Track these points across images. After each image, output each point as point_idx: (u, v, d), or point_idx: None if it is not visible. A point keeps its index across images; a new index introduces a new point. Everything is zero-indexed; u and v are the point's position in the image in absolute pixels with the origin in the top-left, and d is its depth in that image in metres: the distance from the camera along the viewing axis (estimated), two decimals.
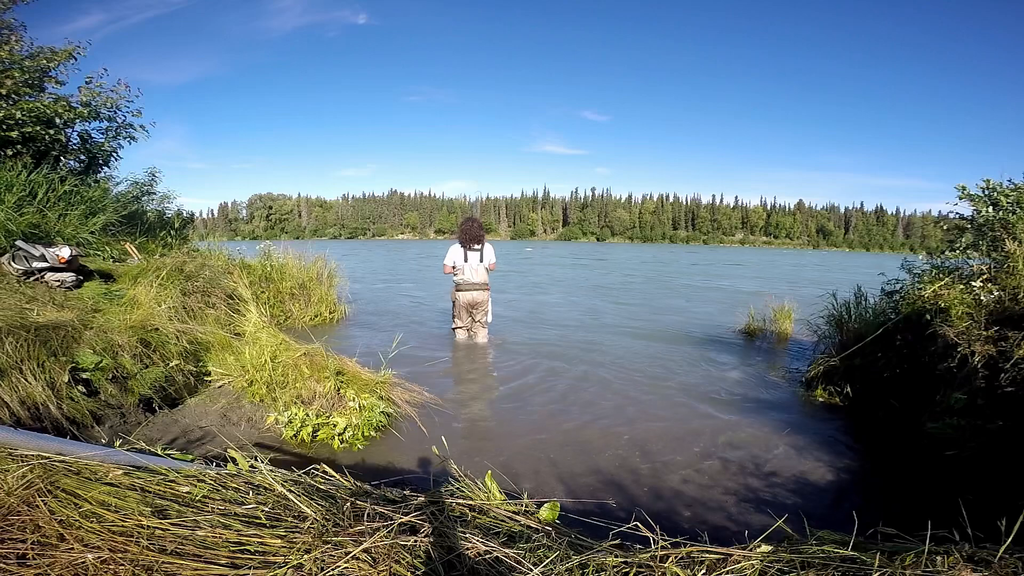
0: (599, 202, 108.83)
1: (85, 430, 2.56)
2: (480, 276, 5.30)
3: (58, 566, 1.19)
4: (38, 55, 6.56)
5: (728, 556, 1.26)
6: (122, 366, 2.98)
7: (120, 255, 5.66)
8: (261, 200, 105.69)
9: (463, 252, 5.29)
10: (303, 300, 6.55)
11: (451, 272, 5.34)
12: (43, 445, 1.69)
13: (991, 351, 2.68)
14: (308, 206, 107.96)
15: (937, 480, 2.46)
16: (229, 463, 1.75)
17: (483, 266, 5.33)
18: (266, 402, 3.12)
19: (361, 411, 2.92)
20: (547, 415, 3.40)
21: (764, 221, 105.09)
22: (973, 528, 1.25)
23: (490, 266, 5.40)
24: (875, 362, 3.55)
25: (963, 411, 2.59)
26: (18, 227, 4.56)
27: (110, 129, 7.51)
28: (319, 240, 67.01)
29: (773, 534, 1.33)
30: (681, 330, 6.54)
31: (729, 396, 3.88)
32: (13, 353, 2.58)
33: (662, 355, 5.09)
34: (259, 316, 3.72)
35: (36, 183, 5.20)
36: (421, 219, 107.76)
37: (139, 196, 8.07)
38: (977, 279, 3.07)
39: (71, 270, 4.16)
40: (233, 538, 1.32)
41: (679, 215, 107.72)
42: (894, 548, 1.23)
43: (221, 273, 5.55)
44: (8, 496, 1.40)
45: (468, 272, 5.26)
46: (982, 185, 3.59)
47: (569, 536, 1.45)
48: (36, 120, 6.13)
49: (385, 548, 1.28)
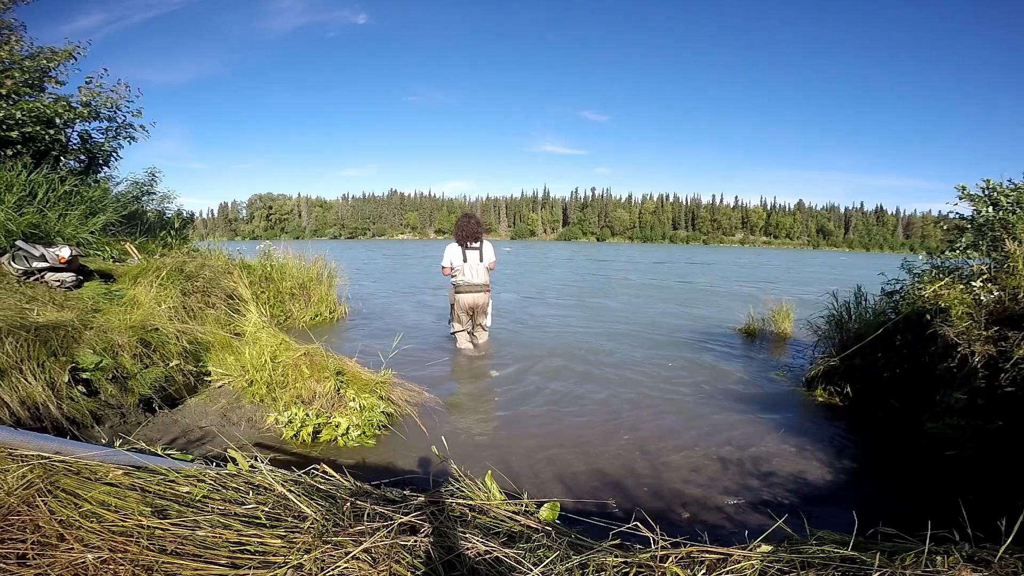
0: (599, 202, 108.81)
1: (85, 430, 2.56)
2: (481, 277, 4.98)
3: (58, 566, 1.19)
4: (38, 55, 6.56)
5: (728, 556, 1.26)
6: (122, 366, 2.98)
7: (120, 255, 5.66)
8: (261, 200, 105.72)
9: (461, 251, 4.95)
10: (303, 300, 6.55)
11: (449, 273, 5.03)
12: (43, 445, 1.69)
13: (991, 351, 2.68)
14: (308, 206, 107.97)
15: (937, 480, 2.46)
16: (229, 463, 1.75)
17: (483, 266, 5.00)
18: (266, 402, 3.12)
19: (361, 411, 2.91)
20: (547, 415, 3.40)
21: (764, 221, 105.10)
22: (973, 528, 1.25)
23: (490, 265, 5.09)
24: (875, 362, 3.55)
25: (963, 411, 2.59)
26: (18, 227, 4.56)
27: (110, 129, 7.51)
28: (319, 240, 67.08)
29: (773, 534, 1.33)
30: (681, 330, 6.53)
31: (729, 396, 3.88)
32: (13, 353, 2.58)
33: (662, 355, 5.09)
34: (259, 316, 3.71)
35: (36, 183, 5.20)
36: (421, 219, 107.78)
37: (139, 196, 8.07)
38: (977, 279, 3.07)
39: (71, 270, 4.16)
40: (233, 538, 1.32)
41: (679, 215, 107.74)
42: (894, 548, 1.23)
43: (221, 273, 5.55)
44: (8, 496, 1.40)
45: (468, 272, 4.93)
46: (982, 185, 3.59)
47: (569, 536, 1.46)
48: (36, 120, 6.13)
49: (385, 548, 1.28)
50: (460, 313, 5.05)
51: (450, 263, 5.00)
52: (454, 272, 4.99)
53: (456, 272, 4.98)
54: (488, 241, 5.16)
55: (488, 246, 5.11)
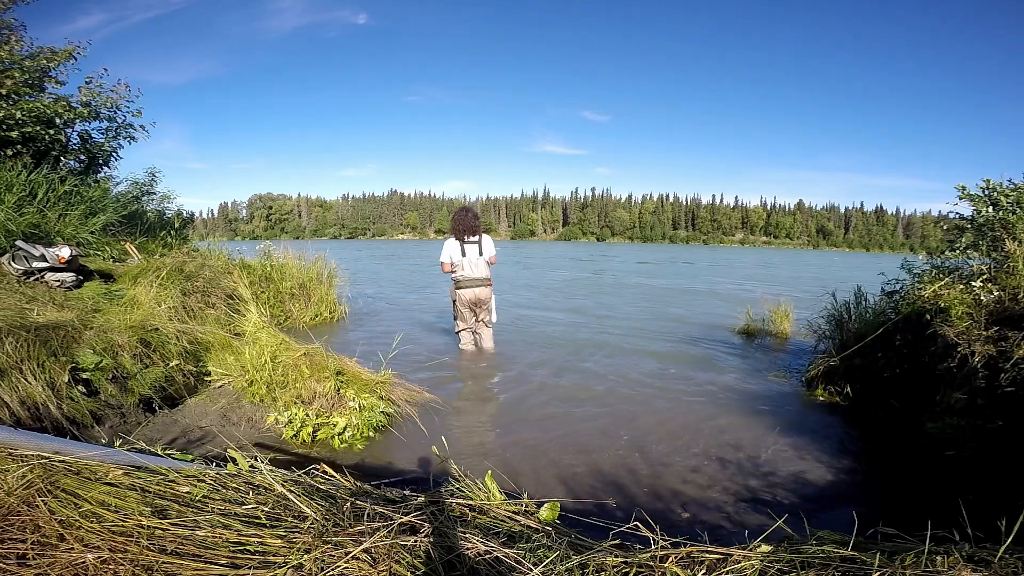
0: (599, 202, 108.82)
1: (85, 430, 2.56)
2: (481, 271, 4.85)
3: (58, 566, 1.19)
4: (38, 55, 6.57)
5: (728, 556, 1.26)
6: (122, 366, 2.98)
7: (120, 255, 5.66)
8: (261, 200, 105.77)
9: (459, 246, 4.82)
10: (303, 300, 6.55)
11: (450, 271, 4.91)
12: (43, 445, 1.69)
13: (991, 351, 2.68)
14: (308, 206, 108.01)
15: (937, 480, 2.46)
16: (229, 463, 1.75)
17: (483, 260, 4.87)
18: (266, 402, 3.12)
19: (361, 411, 2.91)
20: (547, 415, 3.40)
21: (764, 221, 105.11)
22: (973, 528, 1.25)
23: (490, 259, 4.95)
24: (875, 362, 3.55)
25: (963, 411, 2.59)
26: (18, 227, 4.56)
27: (110, 129, 7.53)
28: (319, 240, 67.09)
29: (773, 534, 1.33)
30: (680, 330, 6.53)
31: (729, 396, 3.88)
32: (13, 353, 2.58)
33: (662, 355, 5.09)
34: (259, 316, 3.71)
35: (36, 183, 5.21)
36: (421, 219, 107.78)
37: (139, 196, 8.08)
38: (977, 279, 3.07)
39: (71, 270, 4.16)
40: (233, 538, 1.32)
41: (679, 215, 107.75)
42: (894, 548, 1.23)
43: (221, 273, 5.55)
44: (8, 496, 1.40)
45: (467, 267, 4.81)
46: (982, 185, 3.59)
47: (569, 536, 1.46)
48: (36, 120, 6.13)
49: (385, 548, 1.28)
50: (462, 309, 4.93)
51: (449, 259, 4.88)
52: (454, 268, 4.88)
53: (456, 268, 4.87)
54: (487, 236, 5.05)
55: (488, 240, 4.99)
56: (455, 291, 4.91)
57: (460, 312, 4.95)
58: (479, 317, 5.01)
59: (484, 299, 4.91)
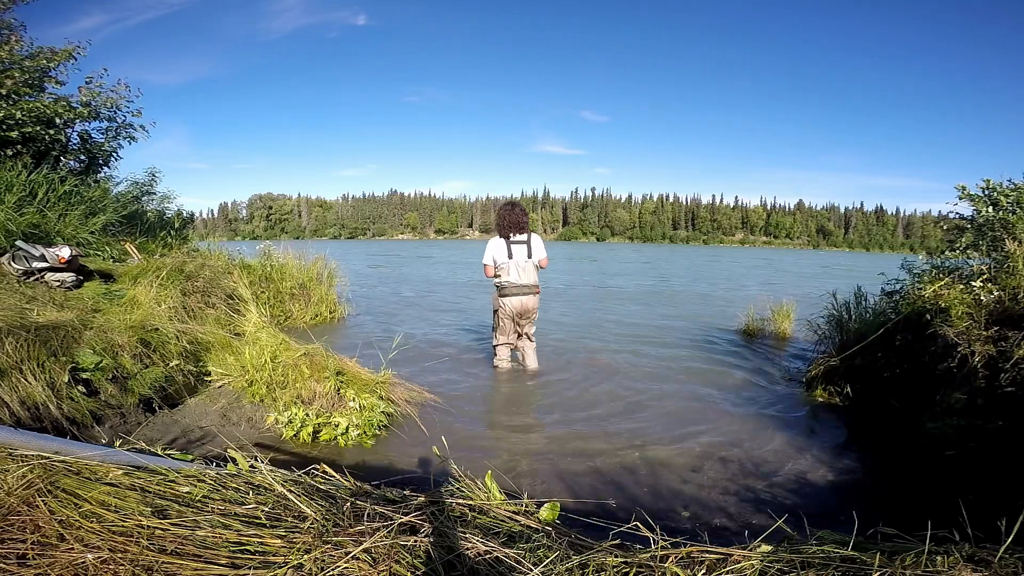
0: (599, 202, 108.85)
1: (85, 430, 2.56)
2: (529, 276, 4.15)
3: (58, 566, 1.19)
4: (38, 55, 6.56)
5: (728, 556, 1.26)
6: (122, 366, 2.98)
7: (120, 255, 5.66)
8: (261, 200, 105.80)
9: (505, 246, 4.10)
10: (303, 300, 6.55)
11: (493, 274, 4.20)
12: (43, 445, 1.69)
13: (991, 351, 2.68)
14: (308, 206, 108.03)
15: (937, 480, 2.46)
16: (229, 463, 1.75)
17: (532, 263, 4.15)
18: (266, 402, 3.12)
19: (361, 411, 2.92)
20: (547, 415, 3.40)
21: (764, 221, 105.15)
22: (973, 528, 1.25)
23: (540, 263, 4.21)
24: (875, 362, 3.54)
25: (963, 411, 2.59)
26: (18, 227, 4.56)
27: (110, 129, 7.52)
28: (319, 240, 67.10)
29: (773, 534, 1.33)
30: (680, 330, 6.54)
31: (729, 396, 3.88)
32: (13, 353, 2.58)
33: (661, 355, 5.09)
34: (259, 316, 3.71)
35: (36, 183, 5.20)
36: (421, 219, 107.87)
37: (139, 196, 8.08)
38: (977, 279, 3.07)
39: (71, 270, 4.16)
40: (233, 538, 1.32)
41: (679, 215, 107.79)
42: (894, 548, 1.23)
43: (221, 273, 5.55)
44: (8, 496, 1.40)
45: (513, 271, 4.10)
46: (982, 185, 3.59)
47: (569, 536, 1.46)
48: (36, 120, 6.13)
49: (385, 548, 1.28)
50: (505, 320, 4.20)
51: (492, 260, 4.16)
52: (498, 271, 4.17)
53: (500, 271, 4.15)
54: (536, 235, 4.31)
55: (537, 239, 4.24)
56: (498, 299, 4.21)
57: (501, 323, 4.24)
58: (523, 330, 4.31)
59: (531, 309, 4.22)
